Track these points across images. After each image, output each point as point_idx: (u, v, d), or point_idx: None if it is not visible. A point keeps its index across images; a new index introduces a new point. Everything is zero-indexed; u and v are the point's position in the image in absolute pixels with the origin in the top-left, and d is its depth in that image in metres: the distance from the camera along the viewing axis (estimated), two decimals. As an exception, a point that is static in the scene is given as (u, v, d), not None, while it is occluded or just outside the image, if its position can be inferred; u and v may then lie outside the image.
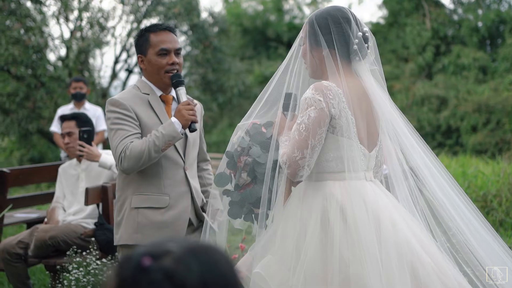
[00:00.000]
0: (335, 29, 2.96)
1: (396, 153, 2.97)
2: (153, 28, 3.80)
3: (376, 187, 2.94)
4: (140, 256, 1.40)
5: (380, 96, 2.97)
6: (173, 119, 3.61)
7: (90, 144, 5.19)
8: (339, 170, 2.88)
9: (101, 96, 18.16)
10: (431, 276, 2.70)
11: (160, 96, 3.80)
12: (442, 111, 20.35)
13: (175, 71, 3.75)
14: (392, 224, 2.77)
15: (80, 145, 5.16)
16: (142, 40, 3.80)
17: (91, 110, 8.90)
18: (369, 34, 3.02)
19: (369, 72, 3.02)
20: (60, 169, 5.62)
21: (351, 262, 2.69)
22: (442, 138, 20.31)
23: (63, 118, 5.69)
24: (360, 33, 2.97)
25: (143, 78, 3.85)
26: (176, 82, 3.71)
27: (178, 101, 3.70)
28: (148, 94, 3.76)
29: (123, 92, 3.82)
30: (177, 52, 3.78)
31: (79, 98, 8.82)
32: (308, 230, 2.81)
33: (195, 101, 3.84)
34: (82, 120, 5.56)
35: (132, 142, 3.58)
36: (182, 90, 3.71)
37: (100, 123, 8.91)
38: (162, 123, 3.67)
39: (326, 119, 2.83)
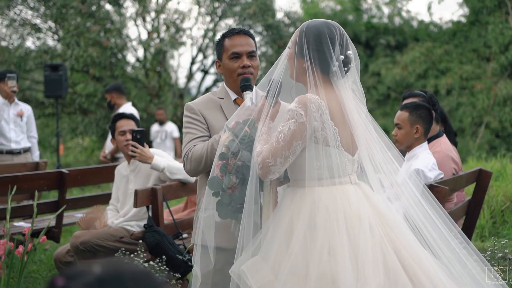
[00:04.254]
0: (319, 48, 3.09)
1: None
2: (228, 33, 3.83)
3: (360, 189, 3.13)
4: (61, 276, 1.41)
5: (353, 113, 3.10)
6: None
7: (143, 145, 5.25)
8: (326, 177, 3.06)
9: (178, 97, 18.43)
10: (401, 274, 2.87)
11: (235, 100, 3.80)
12: (526, 112, 19.73)
13: (248, 74, 3.73)
14: (370, 225, 2.97)
15: (133, 146, 5.23)
16: (219, 46, 3.84)
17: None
18: (352, 57, 3.15)
19: (349, 88, 3.15)
20: (116, 170, 5.70)
21: (329, 260, 2.86)
22: (525, 140, 19.70)
23: (123, 116, 5.80)
24: (342, 57, 3.10)
25: (223, 83, 3.89)
26: (243, 86, 3.69)
27: None
28: (223, 98, 3.79)
29: (199, 97, 3.89)
30: (250, 54, 3.77)
31: (110, 107, 9.71)
32: (294, 232, 2.98)
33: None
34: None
35: (195, 145, 3.62)
36: (248, 95, 3.67)
37: None
38: None
39: (305, 132, 2.99)
